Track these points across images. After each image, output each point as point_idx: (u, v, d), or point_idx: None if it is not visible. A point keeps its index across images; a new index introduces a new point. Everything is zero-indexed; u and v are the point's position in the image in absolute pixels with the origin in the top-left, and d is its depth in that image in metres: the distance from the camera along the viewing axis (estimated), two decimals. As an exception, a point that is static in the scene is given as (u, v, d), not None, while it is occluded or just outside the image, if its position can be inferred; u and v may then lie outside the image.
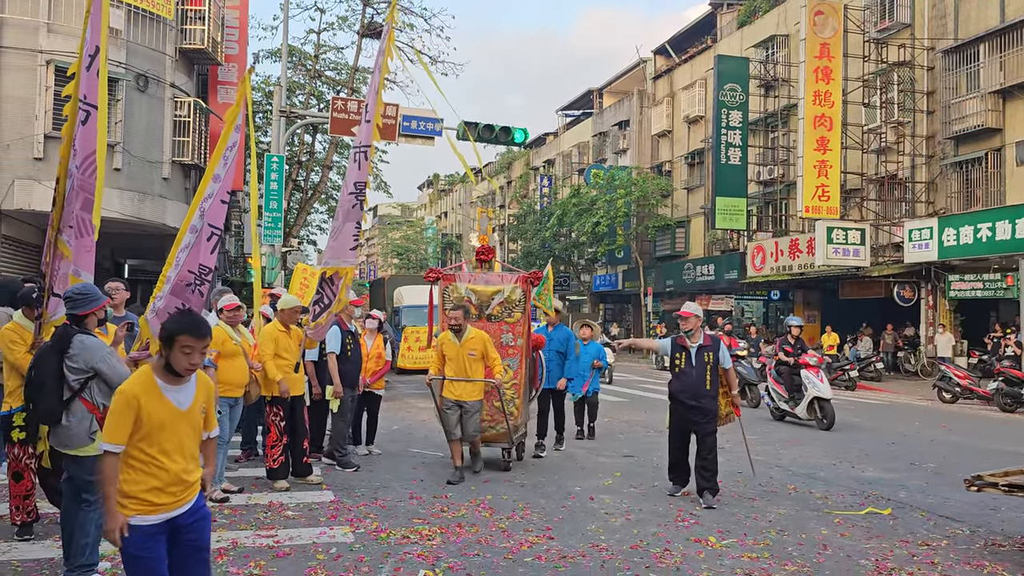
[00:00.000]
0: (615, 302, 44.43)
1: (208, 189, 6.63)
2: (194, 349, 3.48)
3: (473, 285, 9.33)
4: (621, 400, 17.45)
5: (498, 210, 58.18)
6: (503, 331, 9.18)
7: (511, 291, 9.22)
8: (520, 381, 9.12)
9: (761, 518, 7.16)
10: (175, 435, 3.51)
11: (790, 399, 13.90)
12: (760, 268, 28.27)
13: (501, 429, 8.98)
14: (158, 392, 3.50)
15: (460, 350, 8.40)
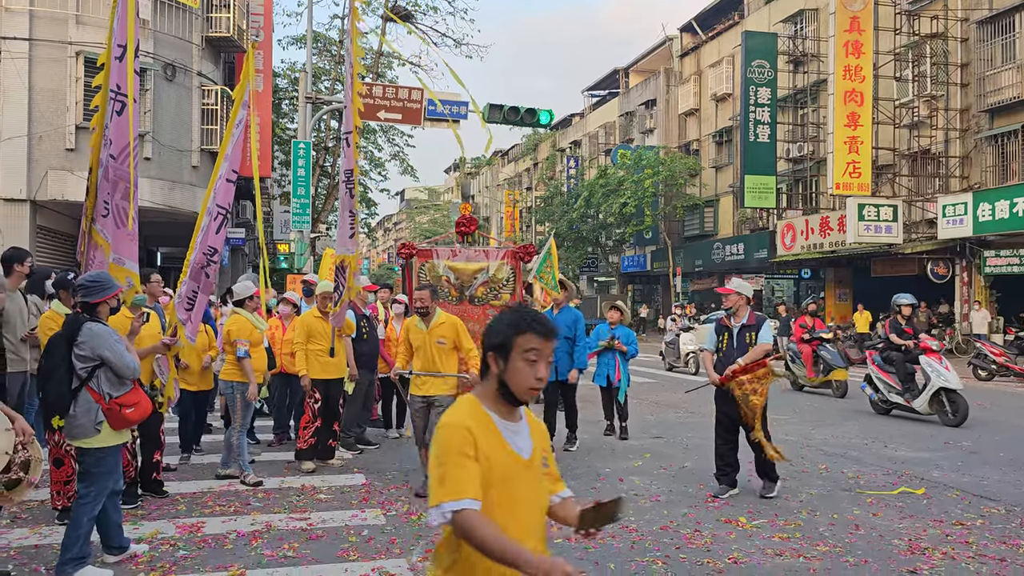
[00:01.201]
0: (644, 283, 44.25)
1: (220, 169, 6.71)
2: (541, 355, 2.37)
3: (452, 262, 8.19)
4: (649, 381, 17.42)
5: (525, 192, 58.08)
6: (488, 316, 7.81)
7: (497, 269, 8.12)
8: None
9: (792, 498, 7.13)
10: (522, 500, 2.35)
11: (905, 390, 11.91)
12: (790, 247, 27.99)
13: None
14: (495, 432, 2.35)
15: (427, 337, 7.04)
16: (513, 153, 64.32)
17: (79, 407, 4.88)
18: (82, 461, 5.01)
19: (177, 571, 5.12)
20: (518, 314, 2.43)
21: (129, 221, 5.78)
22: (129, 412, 4.96)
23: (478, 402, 2.39)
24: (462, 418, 2.31)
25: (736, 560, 5.42)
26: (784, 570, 5.24)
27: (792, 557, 5.51)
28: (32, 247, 17.13)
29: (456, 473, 2.21)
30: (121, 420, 4.95)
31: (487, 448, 2.28)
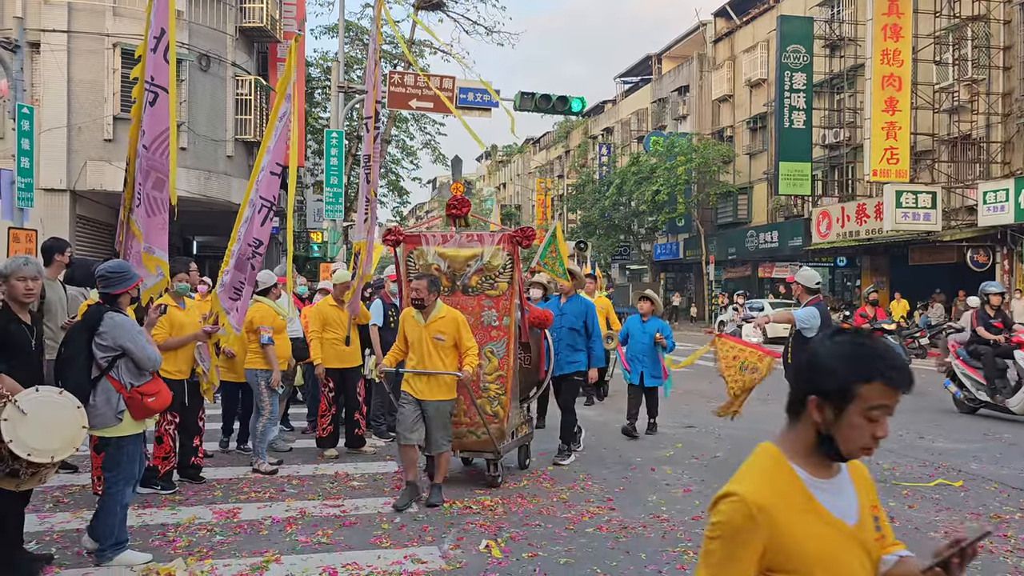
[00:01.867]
0: (676, 271, 43.97)
1: (263, 161, 6.79)
2: (889, 409, 1.82)
3: (443, 248, 7.20)
4: (683, 370, 17.30)
5: (556, 180, 57.91)
6: (484, 308, 7.10)
7: (492, 255, 7.08)
8: (507, 372, 7.04)
9: (826, 489, 7.04)
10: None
11: (995, 388, 10.72)
12: (825, 234, 27.63)
13: (483, 435, 6.97)
14: (806, 498, 1.82)
15: (424, 332, 6.39)
16: (544, 141, 64.13)
17: (99, 396, 4.91)
18: (105, 450, 5.08)
19: (214, 556, 5.21)
20: (865, 350, 1.78)
21: (163, 210, 5.85)
22: (151, 401, 5.02)
23: (781, 456, 1.85)
24: (755, 492, 1.76)
25: (769, 551, 5.37)
26: (817, 562, 5.19)
27: (826, 549, 5.45)
28: (72, 237, 17.44)
29: (728, 568, 1.76)
30: (142, 409, 5.00)
31: (790, 530, 1.76)
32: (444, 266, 7.18)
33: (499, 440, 7.00)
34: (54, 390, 4.35)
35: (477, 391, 6.89)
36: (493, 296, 7.11)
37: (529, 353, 7.78)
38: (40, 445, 4.06)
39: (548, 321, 7.69)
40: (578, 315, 8.41)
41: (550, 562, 5.17)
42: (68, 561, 5.06)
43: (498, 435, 6.99)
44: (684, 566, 5.09)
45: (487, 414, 6.94)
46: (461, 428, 6.97)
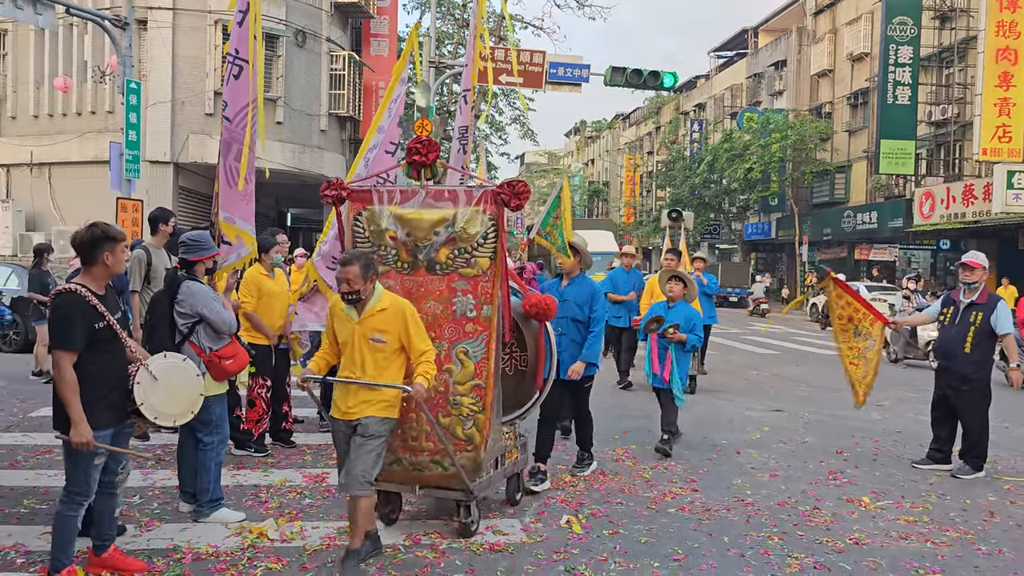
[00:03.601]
0: (767, 251, 42.88)
1: (372, 140, 6.96)
2: None
3: (402, 209, 5.23)
4: (772, 353, 16.94)
5: (646, 156, 57.10)
6: (456, 292, 5.13)
7: (467, 219, 5.13)
8: (487, 380, 5.06)
9: (921, 481, 6.81)
10: None
11: None
12: (928, 216, 26.43)
13: (451, 467, 4.99)
14: None
15: (357, 331, 4.60)
16: (634, 116, 63.23)
17: None
18: None
19: (303, 518, 5.38)
20: None
21: (240, 181, 5.98)
22: (228, 364, 5.23)
23: None
24: None
25: (858, 541, 5.24)
26: (909, 554, 5.03)
27: (919, 541, 5.28)
28: (175, 207, 18.18)
29: None
30: (221, 371, 5.22)
31: None
32: (402, 234, 5.17)
33: (473, 474, 5.00)
34: (179, 357, 4.52)
35: (443, 406, 5.05)
36: (469, 276, 5.10)
37: (525, 352, 5.85)
38: (166, 410, 4.24)
39: (550, 310, 5.65)
40: (583, 303, 6.46)
41: (630, 540, 5.15)
42: (168, 516, 5.32)
43: (471, 468, 4.99)
44: (768, 551, 5.00)
45: (457, 439, 5.03)
46: (421, 457, 5.02)
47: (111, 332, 4.05)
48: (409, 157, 5.33)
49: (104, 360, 4.04)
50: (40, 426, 7.71)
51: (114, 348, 4.08)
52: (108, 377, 4.07)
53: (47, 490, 5.71)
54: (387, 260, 5.20)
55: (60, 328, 3.95)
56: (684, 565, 4.76)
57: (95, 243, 4.06)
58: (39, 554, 4.57)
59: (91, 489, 4.03)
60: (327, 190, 5.25)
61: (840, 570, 4.75)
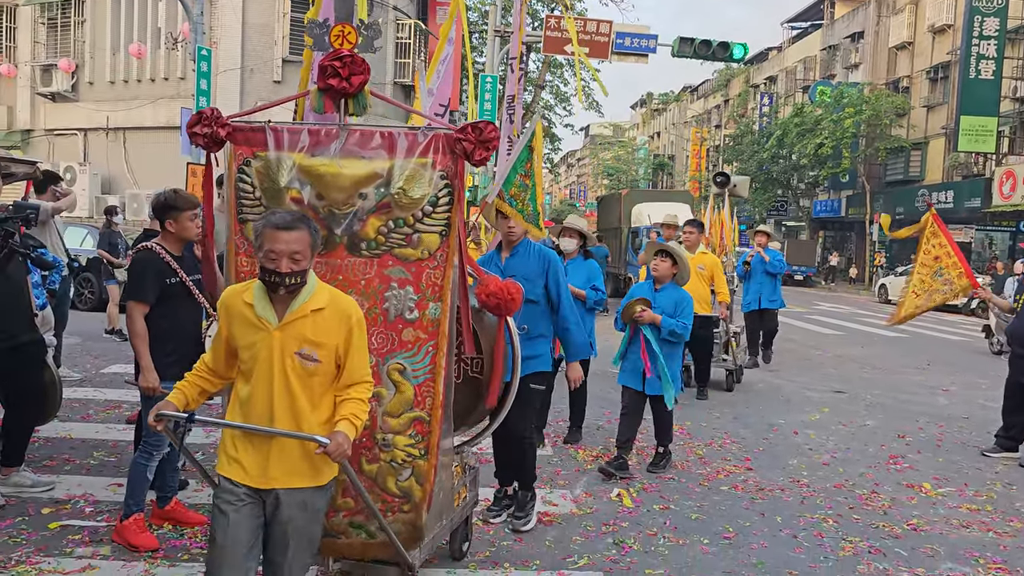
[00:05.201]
0: (836, 230, 41.81)
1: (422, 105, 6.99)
2: None
3: (311, 159, 3.50)
4: (835, 333, 16.57)
5: (713, 130, 56.04)
6: (388, 283, 3.50)
7: (409, 176, 3.48)
8: (433, 411, 3.48)
9: (987, 469, 6.60)
10: None
11: None
12: (1009, 196, 25.41)
13: (379, 533, 3.45)
14: None
15: (277, 341, 2.86)
16: (703, 89, 62.02)
17: None
18: None
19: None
20: None
21: None
22: None
23: None
24: None
25: (916, 527, 5.12)
26: (970, 543, 4.90)
27: (980, 530, 5.13)
28: (243, 173, 18.54)
29: None
30: None
31: None
32: (311, 195, 3.45)
33: (411, 542, 3.48)
34: None
35: (368, 447, 3.44)
36: (410, 260, 3.46)
37: (480, 355, 4.18)
38: None
39: (514, 301, 3.98)
40: (534, 277, 4.79)
41: (681, 516, 5.13)
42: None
43: (408, 533, 3.45)
44: (821, 533, 4.92)
45: (388, 494, 3.44)
46: (335, 518, 3.43)
47: (184, 289, 4.27)
48: (321, 81, 3.42)
49: (176, 315, 4.25)
50: (111, 382, 8.00)
51: (186, 304, 4.30)
52: (179, 331, 4.26)
53: (115, 443, 5.93)
54: None
55: (134, 281, 4.23)
56: (734, 543, 4.72)
57: (161, 210, 4.33)
58: (106, 504, 4.77)
59: (162, 440, 4.19)
60: (197, 127, 3.43)
61: (896, 555, 4.65)
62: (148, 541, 4.18)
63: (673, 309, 5.82)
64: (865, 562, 4.52)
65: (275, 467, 2.85)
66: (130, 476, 4.26)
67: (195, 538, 4.35)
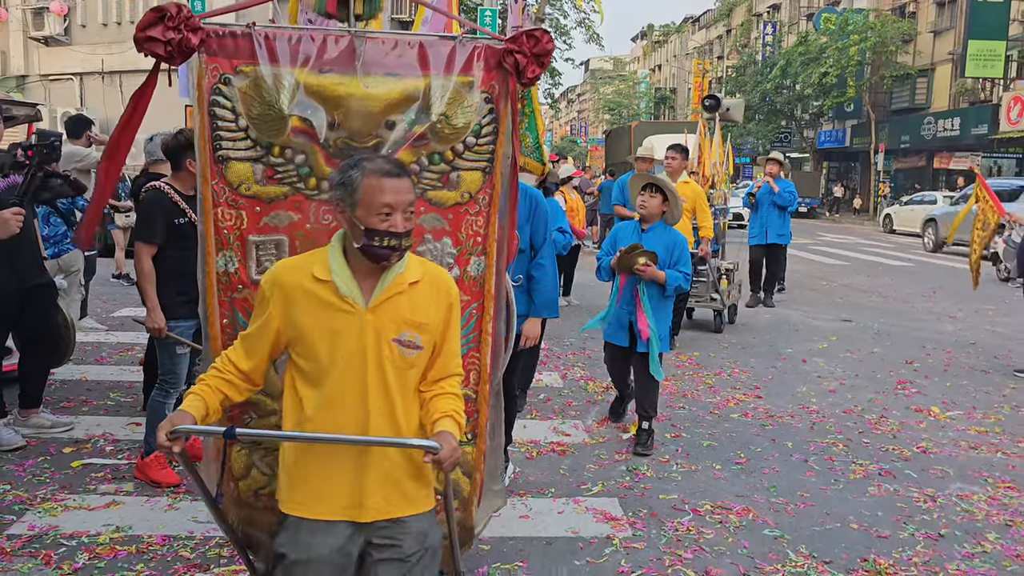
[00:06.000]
0: (840, 160, 41.42)
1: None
2: None
3: (323, 76, 2.63)
4: (841, 264, 16.55)
5: (715, 61, 55.11)
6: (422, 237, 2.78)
7: (449, 99, 2.71)
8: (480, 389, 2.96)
9: (994, 392, 6.65)
10: None
11: None
12: (1016, 122, 25.09)
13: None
14: None
15: (370, 328, 2.22)
16: (704, 19, 60.80)
17: None
18: None
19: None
20: None
21: None
22: None
23: None
24: None
25: (925, 450, 5.18)
26: (978, 463, 4.96)
27: (989, 452, 5.19)
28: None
29: None
30: None
31: None
32: (322, 125, 2.67)
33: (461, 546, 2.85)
34: None
35: None
36: (446, 206, 2.82)
37: None
38: None
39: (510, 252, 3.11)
40: (522, 223, 4.08)
41: (693, 444, 5.19)
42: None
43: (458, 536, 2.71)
44: (832, 457, 4.98)
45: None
46: None
47: (193, 229, 4.18)
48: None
49: (186, 255, 4.19)
50: (122, 325, 8.04)
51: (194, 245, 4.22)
52: (190, 272, 4.21)
53: (131, 385, 5.98)
54: (286, 176, 2.66)
55: (142, 222, 4.22)
56: (746, 468, 4.78)
57: (180, 150, 4.23)
58: (126, 442, 4.84)
59: (178, 378, 4.23)
60: (157, 29, 2.49)
61: (906, 477, 4.71)
62: (169, 477, 4.25)
63: (667, 255, 4.99)
64: (875, 483, 4.58)
65: (375, 491, 2.22)
66: (148, 414, 4.30)
67: (215, 473, 4.42)
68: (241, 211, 2.66)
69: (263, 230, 2.68)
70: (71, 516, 3.86)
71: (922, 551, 3.77)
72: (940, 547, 3.82)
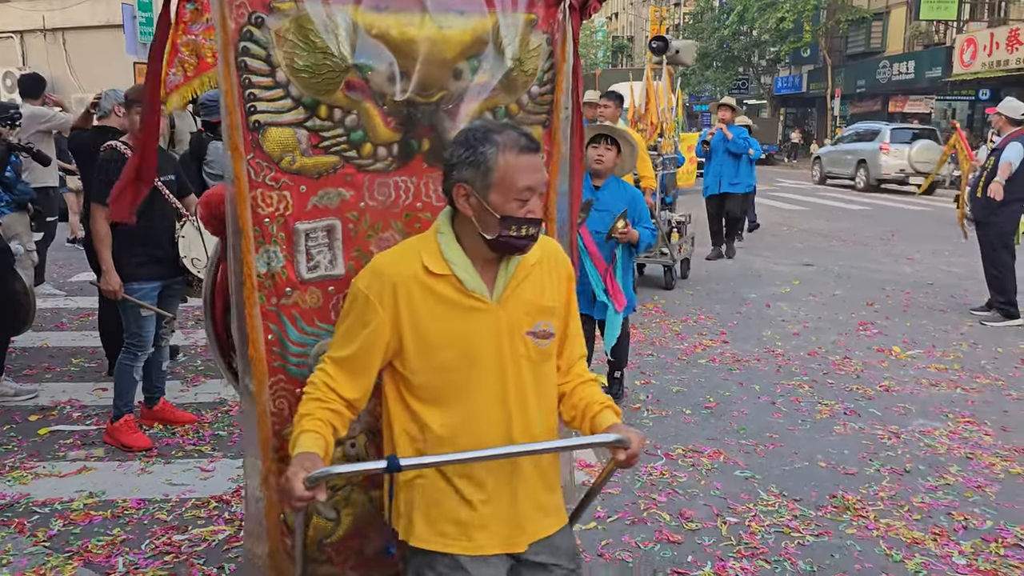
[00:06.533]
0: (797, 106, 41.64)
1: None
2: None
3: (380, 15, 2.08)
4: (801, 209, 16.74)
5: (672, 8, 54.74)
6: None
7: (520, 41, 2.25)
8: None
9: (952, 331, 6.82)
10: None
11: None
12: (969, 64, 25.37)
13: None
14: None
15: (504, 324, 1.90)
16: (661, -35, 60.22)
17: None
18: None
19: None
20: None
21: None
22: None
23: None
24: None
25: (888, 388, 5.31)
26: (939, 400, 5.10)
27: (948, 388, 5.34)
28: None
29: None
30: None
31: None
32: (384, 76, 2.11)
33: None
34: None
35: None
36: None
37: None
38: None
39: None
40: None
41: (662, 389, 5.26)
42: (213, 372, 5.48)
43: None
44: (798, 398, 5.09)
45: None
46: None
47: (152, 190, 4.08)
48: None
49: (146, 217, 4.08)
50: (80, 290, 7.88)
51: (155, 205, 4.11)
52: (151, 232, 4.12)
53: (94, 350, 5.88)
54: (335, 143, 2.12)
55: (99, 183, 4.05)
56: (716, 412, 4.87)
57: (129, 104, 4.13)
58: (93, 408, 4.77)
59: (145, 340, 4.15)
60: None
61: (870, 415, 4.83)
62: (141, 441, 4.21)
63: (632, 213, 4.62)
64: (841, 423, 4.70)
65: (528, 512, 1.94)
66: (116, 378, 4.24)
67: (187, 436, 4.39)
68: (284, 192, 2.06)
69: (311, 214, 2.10)
70: (42, 484, 3.81)
71: (888, 486, 3.88)
72: (905, 481, 3.94)
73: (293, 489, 1.68)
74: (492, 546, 1.88)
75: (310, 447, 1.77)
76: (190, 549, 3.26)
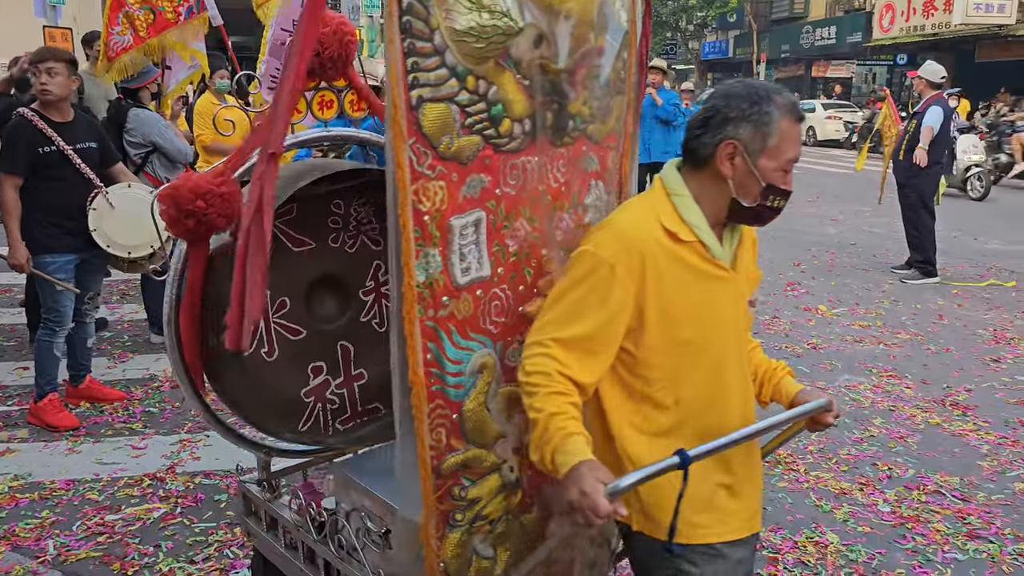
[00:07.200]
0: (724, 71, 42.20)
1: None
2: None
3: None
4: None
5: (601, -27, 54.68)
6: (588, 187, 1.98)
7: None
8: None
9: (875, 289, 7.06)
10: None
11: None
12: (888, 29, 26.02)
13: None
14: None
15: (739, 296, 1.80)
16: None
17: None
18: None
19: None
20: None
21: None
22: None
23: None
24: None
25: (815, 346, 5.48)
26: (864, 356, 5.29)
27: (872, 344, 5.54)
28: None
29: None
30: None
31: None
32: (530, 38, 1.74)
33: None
34: (145, 188, 4.33)
35: None
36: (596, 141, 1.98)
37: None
38: (120, 240, 4.10)
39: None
40: None
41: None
42: (140, 348, 5.33)
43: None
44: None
45: None
46: None
47: (60, 158, 3.91)
48: None
49: (58, 187, 3.92)
50: (-5, 266, 7.54)
51: (66, 175, 3.93)
52: (65, 203, 3.95)
53: (12, 328, 5.65)
54: (477, 121, 1.72)
55: (5, 152, 3.88)
56: (651, 374, 4.94)
57: (35, 63, 3.92)
58: (14, 388, 4.59)
59: (63, 316, 3.99)
60: None
61: (799, 372, 4.95)
62: (67, 420, 4.07)
63: None
64: (772, 380, 4.83)
65: (759, 488, 1.87)
66: (37, 356, 4.08)
67: (116, 413, 4.26)
68: (440, 182, 1.68)
69: (463, 206, 1.73)
70: (-38, 468, 3.66)
71: (816, 439, 4.01)
72: (832, 434, 4.07)
73: (598, 505, 1.42)
74: (741, 529, 1.76)
75: (583, 452, 1.53)
76: (124, 529, 3.18)
